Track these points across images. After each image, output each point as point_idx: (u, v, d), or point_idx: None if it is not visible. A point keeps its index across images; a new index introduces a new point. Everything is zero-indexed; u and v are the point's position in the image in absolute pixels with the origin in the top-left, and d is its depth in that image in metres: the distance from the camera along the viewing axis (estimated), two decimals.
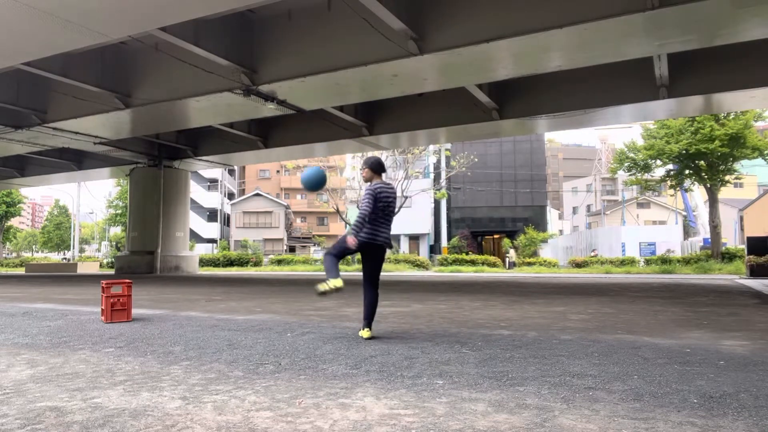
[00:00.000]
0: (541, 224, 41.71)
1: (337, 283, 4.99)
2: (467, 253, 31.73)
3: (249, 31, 13.93)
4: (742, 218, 40.13)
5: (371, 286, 5.35)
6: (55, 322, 6.97)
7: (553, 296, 11.11)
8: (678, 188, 28.68)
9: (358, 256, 5.54)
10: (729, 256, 24.46)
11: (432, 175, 40.34)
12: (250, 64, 14.01)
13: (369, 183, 5.36)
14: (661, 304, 9.29)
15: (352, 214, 39.94)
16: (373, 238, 5.21)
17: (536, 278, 20.15)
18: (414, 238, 42.88)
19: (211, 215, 57.54)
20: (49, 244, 71.23)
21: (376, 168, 5.42)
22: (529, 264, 28.19)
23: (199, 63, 13.72)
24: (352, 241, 5.03)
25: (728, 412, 2.92)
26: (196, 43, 12.65)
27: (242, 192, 64.74)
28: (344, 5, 11.88)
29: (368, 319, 5.33)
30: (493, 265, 28.36)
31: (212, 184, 58.24)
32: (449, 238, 39.18)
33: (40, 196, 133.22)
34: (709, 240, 27.77)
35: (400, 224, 36.90)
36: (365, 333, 5.32)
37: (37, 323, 6.92)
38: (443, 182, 37.45)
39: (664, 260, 24.97)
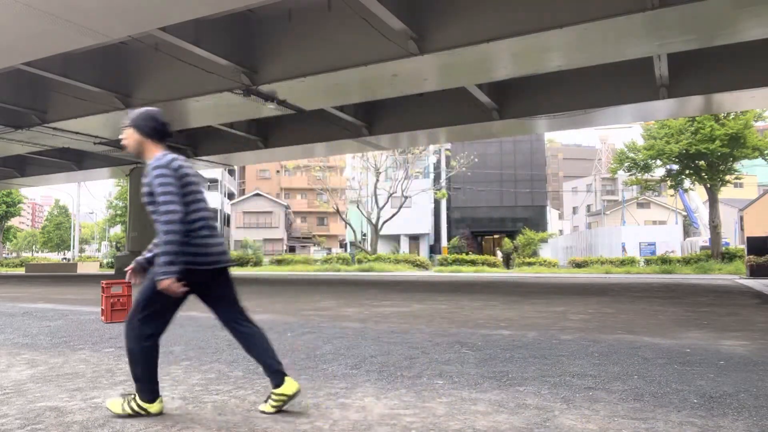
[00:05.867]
0: (541, 224, 41.68)
1: (152, 408, 2.85)
2: (467, 254, 31.72)
3: (249, 31, 13.92)
4: (742, 218, 40.09)
5: (243, 321, 2.98)
6: (55, 322, 6.97)
7: (553, 296, 11.10)
8: (676, 190, 28.65)
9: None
10: (729, 256, 24.45)
11: (432, 175, 40.36)
12: (250, 64, 14.00)
13: (148, 157, 2.91)
14: (661, 304, 9.29)
15: (353, 215, 39.93)
16: (207, 258, 2.81)
17: (536, 278, 20.13)
18: (414, 238, 42.87)
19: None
20: (49, 244, 71.22)
21: (150, 130, 2.93)
22: (529, 264, 28.18)
23: (199, 63, 13.71)
24: (169, 284, 2.65)
25: (728, 412, 2.92)
26: (196, 43, 12.63)
27: (242, 192, 64.71)
28: (344, 5, 11.87)
29: (272, 366, 2.95)
30: (494, 265, 28.35)
31: (212, 184, 58.18)
32: (449, 238, 39.17)
33: (40, 196, 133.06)
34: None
35: (401, 224, 36.99)
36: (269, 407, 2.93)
37: (37, 323, 6.92)
38: (443, 182, 37.47)
39: (664, 260, 24.95)
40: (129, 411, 2.84)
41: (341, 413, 2.94)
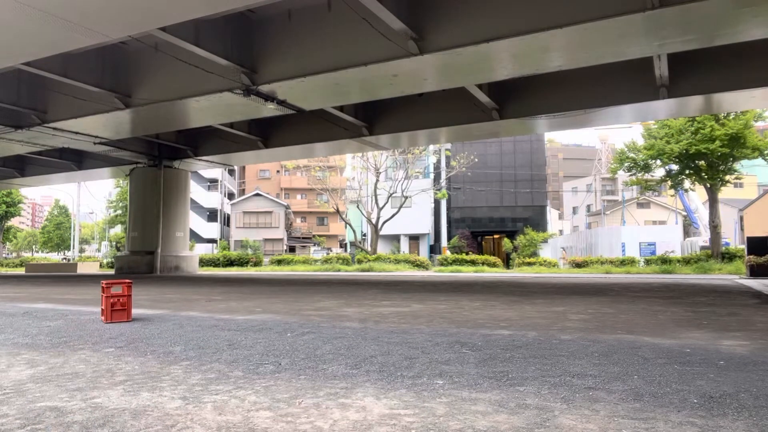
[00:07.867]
0: (541, 224, 41.67)
1: None
2: (467, 253, 31.71)
3: (249, 31, 13.92)
4: (742, 218, 40.11)
5: None
6: (55, 322, 6.97)
7: (553, 296, 11.10)
8: (677, 190, 28.66)
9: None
10: (729, 256, 24.45)
11: (432, 175, 40.35)
12: (250, 64, 14.01)
13: None
14: (661, 304, 9.29)
15: (353, 215, 39.98)
16: None
17: (536, 278, 20.13)
18: (414, 238, 42.87)
19: (211, 215, 57.50)
20: (49, 244, 71.22)
21: None
22: (529, 264, 28.19)
23: (199, 63, 13.71)
24: None
25: (728, 412, 2.92)
26: (196, 43, 12.64)
27: (242, 192, 64.71)
28: (344, 5, 11.88)
29: None
30: (493, 265, 28.35)
31: (212, 184, 58.19)
32: (449, 238, 39.15)
33: (40, 196, 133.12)
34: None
35: (400, 224, 36.97)
36: None
37: (37, 323, 6.92)
38: (443, 182, 37.45)
39: (664, 260, 24.95)
40: None
41: (341, 413, 2.94)
